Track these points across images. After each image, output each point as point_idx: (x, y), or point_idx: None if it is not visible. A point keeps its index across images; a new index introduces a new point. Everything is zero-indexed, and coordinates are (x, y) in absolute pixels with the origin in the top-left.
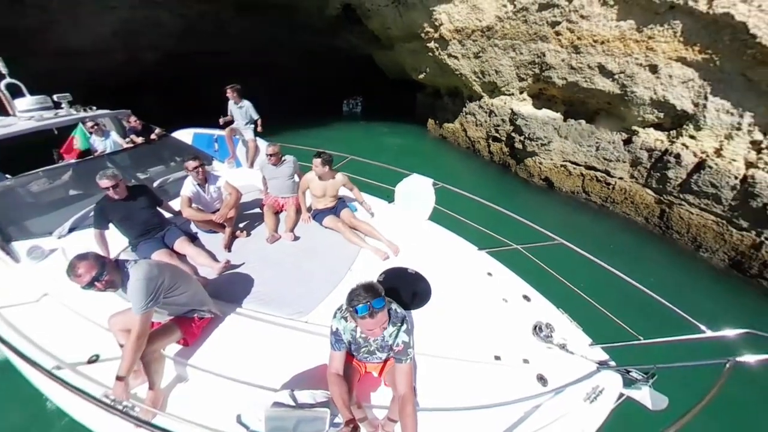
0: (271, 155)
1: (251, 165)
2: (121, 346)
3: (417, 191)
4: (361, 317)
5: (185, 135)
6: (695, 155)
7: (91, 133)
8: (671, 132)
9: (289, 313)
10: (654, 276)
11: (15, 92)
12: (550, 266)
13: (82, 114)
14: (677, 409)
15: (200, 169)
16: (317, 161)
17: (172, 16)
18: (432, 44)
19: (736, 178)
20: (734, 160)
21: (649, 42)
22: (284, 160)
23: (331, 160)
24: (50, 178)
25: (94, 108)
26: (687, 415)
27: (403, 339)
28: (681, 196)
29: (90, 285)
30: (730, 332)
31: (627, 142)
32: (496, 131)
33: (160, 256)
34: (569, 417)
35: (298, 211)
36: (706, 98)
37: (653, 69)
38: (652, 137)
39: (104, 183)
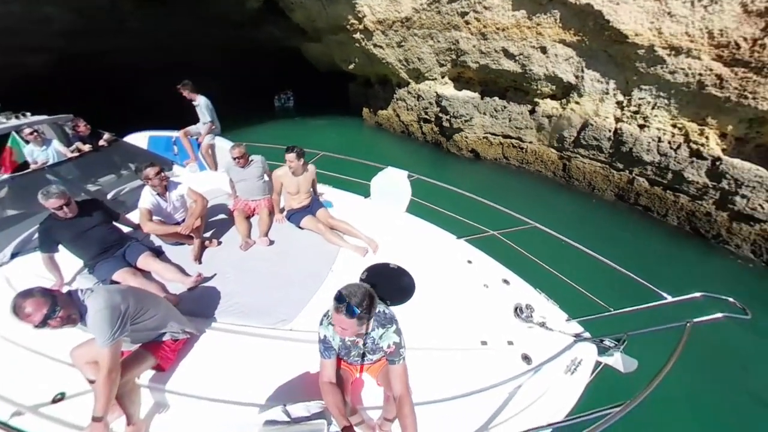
0: (237, 158)
1: (215, 167)
2: (90, 381)
3: (392, 184)
4: (336, 309)
5: (140, 139)
6: (581, 117)
7: (28, 142)
8: (562, 100)
9: (271, 322)
10: (561, 214)
11: None
12: (525, 249)
13: (16, 121)
14: (647, 370)
15: (159, 177)
16: (291, 156)
17: (61, 11)
18: (358, 35)
19: (609, 131)
20: (607, 118)
21: (538, 28)
22: (252, 160)
23: (304, 153)
24: None
25: (29, 114)
26: (659, 376)
27: (394, 340)
28: (575, 150)
29: (43, 324)
30: (688, 297)
31: (531, 112)
32: (426, 113)
33: (122, 275)
34: (553, 390)
35: (271, 213)
36: (583, 71)
37: (543, 50)
38: (549, 106)
39: (52, 203)
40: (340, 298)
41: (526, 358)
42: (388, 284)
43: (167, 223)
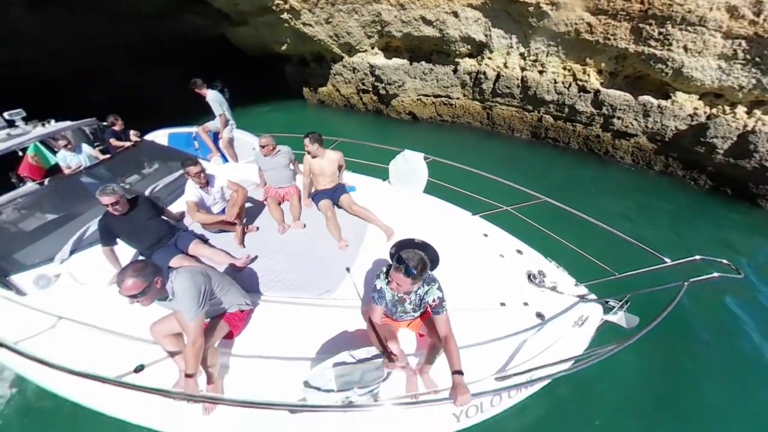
0: (264, 146)
1: (236, 159)
2: (168, 352)
3: (410, 167)
4: (396, 268)
5: (160, 136)
6: (494, 70)
7: (55, 151)
8: (477, 58)
9: (317, 293)
10: (492, 156)
11: None
12: (536, 222)
13: (49, 129)
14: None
15: (202, 174)
16: (306, 141)
17: None
18: (285, 15)
19: (517, 79)
20: (514, 69)
21: None
22: (278, 150)
23: (321, 138)
24: (29, 203)
25: (53, 121)
26: (654, 321)
27: (438, 295)
28: (494, 99)
29: (136, 298)
30: (686, 260)
31: (454, 71)
32: (363, 84)
33: (178, 261)
34: (564, 340)
35: (300, 199)
36: (490, 30)
37: (455, 14)
38: (468, 64)
39: (105, 200)
40: (399, 260)
41: (540, 316)
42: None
43: (212, 214)
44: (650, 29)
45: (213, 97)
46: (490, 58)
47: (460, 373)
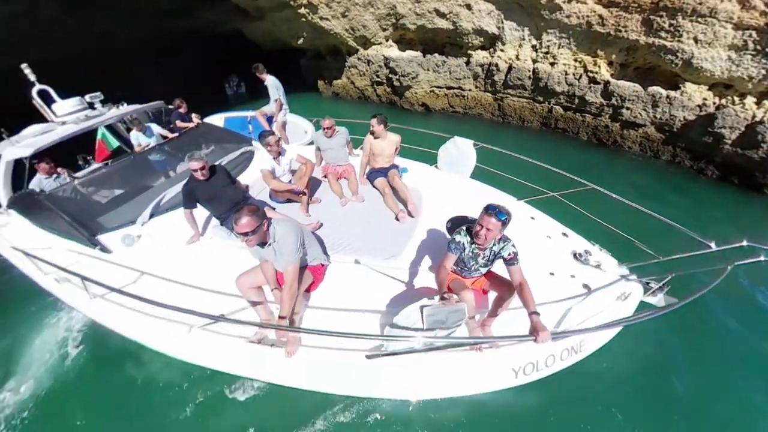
0: (327, 128)
1: (287, 141)
2: (252, 303)
3: (459, 152)
4: (487, 213)
5: (216, 120)
6: (505, 62)
7: (129, 129)
8: (490, 50)
9: (383, 258)
10: (504, 146)
11: (44, 97)
12: (583, 208)
13: (117, 112)
14: (683, 309)
15: (278, 144)
16: (373, 121)
17: None
18: (303, 10)
19: (529, 71)
20: (526, 60)
21: None
22: (337, 131)
23: (386, 121)
24: (107, 177)
25: (125, 104)
26: (693, 295)
27: (513, 249)
28: (505, 91)
29: (246, 236)
30: (733, 245)
31: (467, 63)
32: (377, 76)
33: None
34: (607, 312)
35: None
36: (503, 23)
37: (468, 7)
38: (480, 56)
39: (194, 165)
40: (491, 206)
41: (586, 287)
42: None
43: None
44: (661, 21)
45: (272, 82)
46: (502, 51)
47: (537, 314)
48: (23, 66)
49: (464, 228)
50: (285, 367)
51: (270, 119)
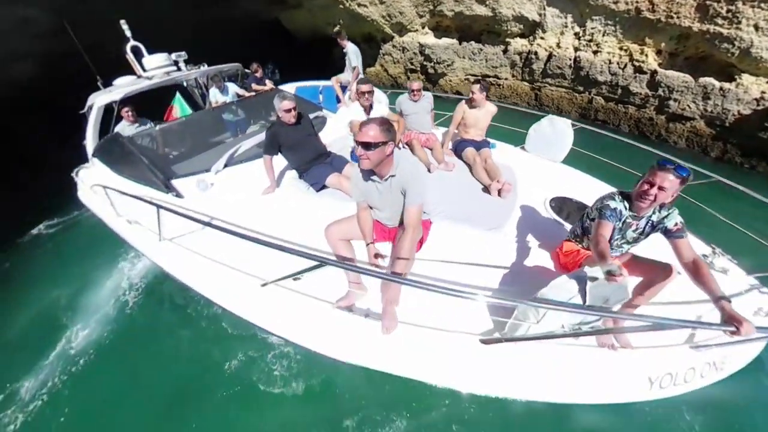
0: (415, 90)
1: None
2: (339, 257)
3: (553, 133)
4: (661, 168)
5: (288, 89)
6: (545, 50)
7: (207, 88)
8: (530, 38)
9: (485, 228)
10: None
11: (136, 53)
12: (704, 204)
13: (204, 70)
14: None
15: (370, 95)
16: (476, 87)
17: (39, 12)
18: None
19: (570, 60)
20: (567, 48)
21: None
22: (423, 95)
23: (488, 88)
24: (183, 128)
25: (205, 65)
26: None
27: (680, 219)
28: (543, 80)
29: (374, 148)
30: None
31: (504, 51)
32: (411, 64)
33: (335, 179)
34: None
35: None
36: (544, 9)
37: None
38: (519, 44)
39: (286, 105)
40: (665, 161)
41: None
42: (575, 212)
43: None
44: (718, 6)
45: (352, 49)
46: (542, 38)
47: (728, 299)
48: (122, 21)
49: (617, 192)
50: (377, 345)
51: (344, 88)
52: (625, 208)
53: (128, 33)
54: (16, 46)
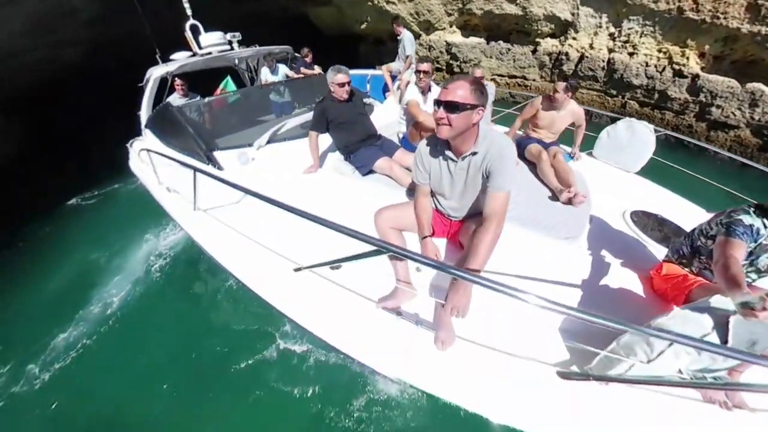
0: (479, 78)
1: (399, 101)
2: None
3: (629, 139)
4: None
5: None
6: (577, 51)
7: (256, 71)
8: (561, 38)
9: (559, 237)
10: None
11: (194, 31)
12: None
13: (256, 50)
14: None
15: (428, 75)
16: (560, 85)
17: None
18: None
19: (603, 61)
20: (601, 50)
21: None
22: (485, 85)
23: (575, 89)
24: (229, 103)
25: (257, 45)
26: None
27: None
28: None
29: (458, 112)
30: None
31: (534, 51)
32: (437, 62)
33: (385, 163)
34: None
35: None
36: (578, 8)
37: None
38: (549, 44)
39: (340, 78)
40: None
41: None
42: (661, 230)
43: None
44: None
45: (408, 37)
46: (574, 39)
47: None
48: (184, 0)
49: (753, 205)
50: (427, 361)
51: (394, 78)
52: (764, 227)
53: (189, 11)
54: (66, 32)
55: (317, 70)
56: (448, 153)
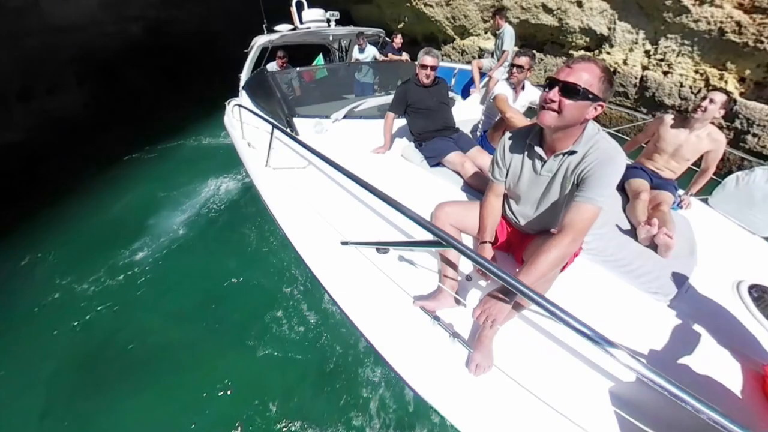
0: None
1: (482, 101)
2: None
3: (765, 194)
4: None
5: None
6: (610, 66)
7: (347, 52)
8: (594, 51)
9: (647, 290)
10: None
11: (299, 7)
12: None
13: (350, 29)
14: None
15: (524, 71)
16: (719, 96)
17: None
18: None
19: (635, 78)
20: (634, 66)
21: None
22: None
23: (728, 105)
24: (324, 74)
25: (352, 26)
26: None
27: None
28: None
29: (573, 97)
30: None
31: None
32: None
33: (458, 157)
34: None
35: None
36: (615, 23)
37: (579, 4)
38: None
39: (429, 60)
40: None
41: None
42: None
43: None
44: None
45: (509, 31)
46: (608, 53)
47: None
48: None
49: None
50: (454, 384)
51: (483, 75)
52: None
53: None
54: (134, 11)
55: (405, 56)
56: (538, 149)
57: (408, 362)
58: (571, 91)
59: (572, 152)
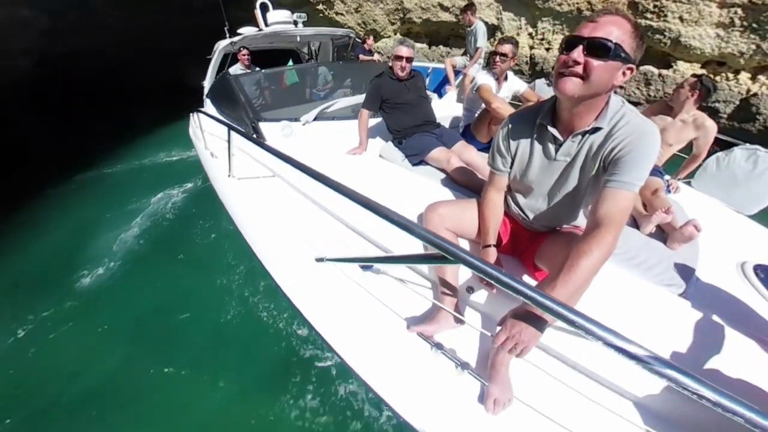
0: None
1: (458, 99)
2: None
3: (748, 172)
4: None
5: None
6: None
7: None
8: (490, 40)
9: (660, 282)
10: None
11: (263, 10)
12: None
13: (317, 30)
14: None
15: (508, 60)
16: (691, 81)
17: (33, 12)
18: (321, 6)
19: (526, 56)
20: (524, 47)
21: None
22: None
23: (709, 92)
24: (277, 79)
25: (320, 28)
26: None
27: None
28: None
29: (610, 55)
30: None
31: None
32: None
33: (442, 153)
34: None
35: None
36: (501, 13)
37: None
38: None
39: (403, 51)
40: None
41: None
42: None
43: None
44: (645, 3)
45: (481, 27)
46: (494, 39)
47: None
48: None
49: None
50: (467, 424)
51: (458, 73)
52: None
53: None
54: (19, 45)
55: (376, 57)
56: (552, 130)
57: (413, 404)
58: (599, 49)
59: (596, 129)
